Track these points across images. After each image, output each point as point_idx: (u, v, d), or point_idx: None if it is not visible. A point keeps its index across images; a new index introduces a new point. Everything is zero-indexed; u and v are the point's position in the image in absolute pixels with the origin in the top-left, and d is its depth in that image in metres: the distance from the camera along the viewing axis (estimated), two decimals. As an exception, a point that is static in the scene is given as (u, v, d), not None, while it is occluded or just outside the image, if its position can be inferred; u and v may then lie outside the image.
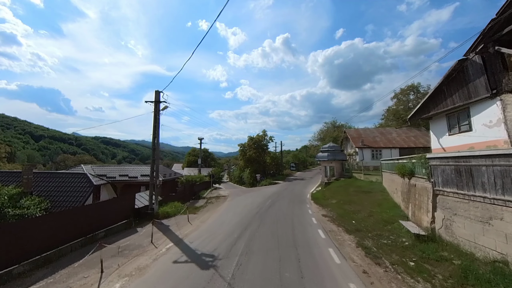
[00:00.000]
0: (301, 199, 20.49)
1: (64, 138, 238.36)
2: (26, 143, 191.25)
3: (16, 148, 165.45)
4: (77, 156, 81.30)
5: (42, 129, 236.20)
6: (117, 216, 11.82)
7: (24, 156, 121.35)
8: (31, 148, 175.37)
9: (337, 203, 16.55)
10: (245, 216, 13.89)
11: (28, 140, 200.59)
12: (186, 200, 22.69)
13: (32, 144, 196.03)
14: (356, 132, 35.61)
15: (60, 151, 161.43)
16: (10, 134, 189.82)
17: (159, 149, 15.73)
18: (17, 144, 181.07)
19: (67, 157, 78.05)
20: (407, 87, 39.66)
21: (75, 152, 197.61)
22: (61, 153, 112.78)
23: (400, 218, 11.20)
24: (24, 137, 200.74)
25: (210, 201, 21.80)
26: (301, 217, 13.46)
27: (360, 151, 29.97)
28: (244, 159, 43.65)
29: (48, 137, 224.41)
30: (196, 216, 14.75)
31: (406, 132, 33.25)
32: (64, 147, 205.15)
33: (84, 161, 74.28)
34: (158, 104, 15.09)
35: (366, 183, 19.88)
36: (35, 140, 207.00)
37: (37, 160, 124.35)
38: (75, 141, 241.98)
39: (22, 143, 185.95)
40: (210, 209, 17.64)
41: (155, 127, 14.97)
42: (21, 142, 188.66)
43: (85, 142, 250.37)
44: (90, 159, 78.83)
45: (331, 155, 26.04)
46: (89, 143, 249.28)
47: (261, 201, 19.35)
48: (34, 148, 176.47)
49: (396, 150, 29.43)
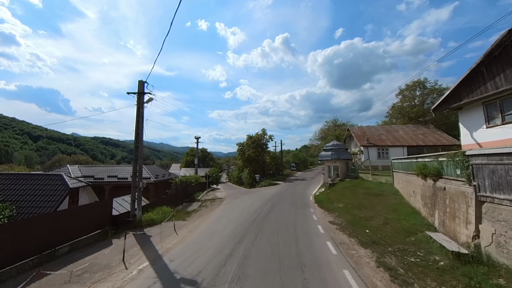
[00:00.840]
0: (303, 202, 18.71)
1: (63, 139, 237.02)
2: (24, 144, 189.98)
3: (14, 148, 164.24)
4: (72, 157, 79.45)
5: (40, 129, 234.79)
6: (89, 225, 10.03)
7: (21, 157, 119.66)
8: (29, 149, 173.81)
9: (345, 207, 14.77)
10: (240, 223, 12.10)
11: (26, 140, 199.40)
12: (179, 203, 20.93)
13: (30, 144, 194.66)
14: (360, 130, 33.81)
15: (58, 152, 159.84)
16: (7, 135, 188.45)
17: (143, 146, 13.88)
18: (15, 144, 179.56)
19: (63, 157, 76.20)
20: (413, 83, 37.86)
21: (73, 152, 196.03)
22: (59, 154, 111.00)
23: (424, 228, 9.42)
24: (22, 137, 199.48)
25: (205, 204, 20.02)
26: (305, 224, 11.67)
27: (365, 149, 28.18)
28: (243, 158, 41.82)
29: (47, 137, 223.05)
30: (185, 224, 12.95)
31: (414, 130, 31.45)
32: (63, 147, 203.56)
33: (79, 161, 72.51)
34: (142, 95, 13.28)
35: (375, 185, 18.10)
36: (33, 141, 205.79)
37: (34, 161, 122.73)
38: (74, 141, 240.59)
39: (20, 143, 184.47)
40: (203, 214, 15.85)
41: (138, 121, 13.16)
42: (19, 142, 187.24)
43: (83, 142, 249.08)
44: (86, 159, 76.99)
45: (335, 154, 24.25)
46: (88, 143, 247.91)
47: (260, 205, 17.57)
48: (32, 149, 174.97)
49: (403, 149, 27.63)
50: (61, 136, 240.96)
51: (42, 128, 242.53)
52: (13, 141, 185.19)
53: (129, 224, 11.94)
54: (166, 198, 18.75)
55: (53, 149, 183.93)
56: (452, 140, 27.64)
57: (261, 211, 15.02)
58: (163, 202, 17.59)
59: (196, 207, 19.18)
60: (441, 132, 30.11)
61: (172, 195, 19.52)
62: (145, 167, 27.14)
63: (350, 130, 34.14)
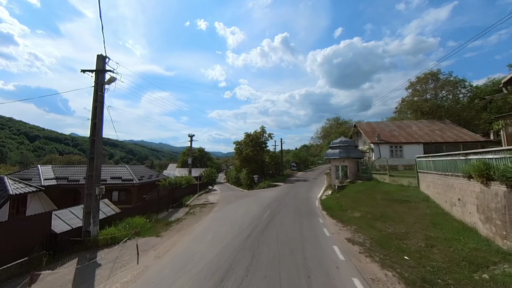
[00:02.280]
0: (309, 208, 15.68)
1: (60, 139, 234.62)
2: (20, 144, 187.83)
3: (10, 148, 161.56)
4: (64, 156, 76.48)
5: (37, 129, 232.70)
6: (8, 251, 6.96)
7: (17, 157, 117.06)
8: (25, 149, 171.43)
9: (363, 217, 11.71)
10: (229, 243, 9.06)
11: (23, 140, 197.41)
12: (163, 210, 17.91)
13: (26, 144, 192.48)
14: (369, 125, 30.75)
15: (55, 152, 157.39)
16: (4, 135, 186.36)
17: (102, 140, 10.78)
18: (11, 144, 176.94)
19: (54, 157, 73.22)
20: (424, 75, 34.72)
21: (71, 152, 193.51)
22: (56, 154, 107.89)
23: (498, 257, 6.38)
24: (18, 137, 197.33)
25: (192, 212, 16.97)
26: (317, 245, 8.63)
27: (376, 147, 25.12)
28: (240, 158, 38.76)
29: (44, 137, 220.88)
30: (157, 243, 9.87)
31: (428, 125, 28.39)
32: (60, 147, 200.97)
33: (72, 161, 69.58)
34: (101, 74, 10.20)
35: (395, 188, 15.05)
36: (30, 141, 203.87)
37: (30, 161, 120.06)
38: (72, 142, 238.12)
39: (16, 143, 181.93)
40: (186, 226, 12.78)
41: (96, 108, 10.07)
42: (16, 142, 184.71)
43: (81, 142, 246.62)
44: (79, 159, 73.96)
45: (343, 152, 21.18)
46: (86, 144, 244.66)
47: (257, 213, 14.52)
48: (28, 149, 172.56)
49: (419, 146, 24.57)
50: (59, 136, 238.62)
51: (40, 128, 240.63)
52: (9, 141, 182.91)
53: (78, 245, 8.87)
54: (146, 205, 15.69)
55: (50, 149, 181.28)
56: (474, 136, 24.60)
57: (258, 223, 11.97)
58: (140, 210, 14.56)
59: (181, 215, 16.13)
60: (460, 128, 27.06)
61: (152, 201, 16.46)
62: (129, 167, 24.15)
63: (358, 126, 31.06)
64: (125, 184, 21.66)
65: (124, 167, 23.93)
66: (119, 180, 21.82)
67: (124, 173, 22.74)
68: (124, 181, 21.76)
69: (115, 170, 23.28)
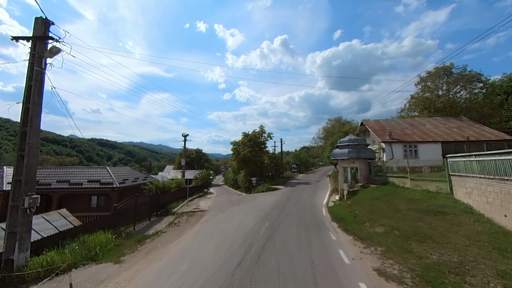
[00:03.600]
0: (315, 219, 13.00)
1: (58, 140, 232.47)
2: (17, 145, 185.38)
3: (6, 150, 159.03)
4: (57, 157, 73.75)
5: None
6: None
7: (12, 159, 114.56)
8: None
9: (389, 234, 9.03)
10: (210, 279, 6.38)
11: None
12: (144, 219, 15.26)
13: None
14: (378, 123, 28.10)
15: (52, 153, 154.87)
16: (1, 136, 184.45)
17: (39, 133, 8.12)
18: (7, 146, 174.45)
19: (46, 158, 70.38)
20: (436, 70, 32.12)
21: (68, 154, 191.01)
22: (53, 155, 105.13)
23: None
24: (15, 138, 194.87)
25: (176, 222, 14.29)
26: (336, 282, 5.94)
27: (388, 147, 22.45)
28: (238, 159, 36.04)
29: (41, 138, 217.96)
30: (110, 274, 7.17)
31: (444, 123, 25.75)
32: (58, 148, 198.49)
33: (64, 163, 66.93)
34: (41, 43, 7.57)
35: (421, 195, 12.36)
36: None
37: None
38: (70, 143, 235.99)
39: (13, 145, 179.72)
40: (160, 244, 10.08)
41: (31, 88, 7.41)
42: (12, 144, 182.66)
43: (79, 143, 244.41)
44: (72, 160, 71.29)
45: (353, 152, 18.48)
46: (84, 145, 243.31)
47: (253, 226, 11.84)
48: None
49: (437, 146, 21.92)
50: (57, 138, 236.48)
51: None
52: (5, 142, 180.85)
53: (-9, 281, 6.22)
54: (120, 214, 12.99)
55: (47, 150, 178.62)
56: (499, 134, 21.94)
57: (253, 242, 9.29)
58: (111, 222, 11.89)
59: (162, 227, 13.46)
60: (480, 125, 24.41)
61: (129, 209, 13.76)
62: (110, 169, 21.46)
63: (365, 124, 28.39)
64: (103, 188, 18.98)
65: (104, 169, 21.25)
66: (97, 184, 19.15)
67: (103, 176, 20.07)
68: (102, 185, 19.08)
69: (93, 172, 20.61)
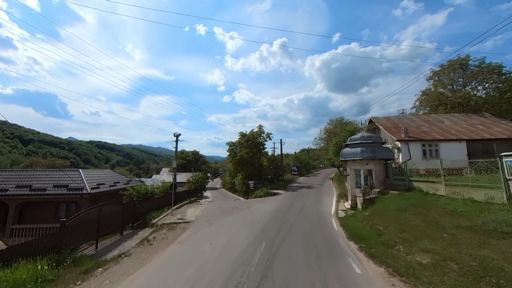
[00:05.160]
0: (326, 236, 10.03)
1: (56, 142, 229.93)
2: (13, 147, 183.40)
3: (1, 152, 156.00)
4: (47, 160, 70.55)
5: (32, 132, 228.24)
6: None
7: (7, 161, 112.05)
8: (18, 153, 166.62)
9: (443, 268, 6.04)
10: None
11: (16, 144, 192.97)
12: (113, 233, 12.30)
13: (20, 148, 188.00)
14: (389, 120, 25.19)
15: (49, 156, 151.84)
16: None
17: None
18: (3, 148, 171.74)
19: (36, 160, 67.31)
20: (450, 63, 29.27)
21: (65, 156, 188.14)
22: (49, 157, 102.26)
23: None
24: (12, 141, 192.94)
25: (150, 239, 11.32)
26: None
27: (404, 146, 19.51)
28: (234, 161, 33.02)
29: (38, 141, 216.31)
30: None
31: (465, 119, 22.86)
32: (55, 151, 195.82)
33: (55, 165, 63.79)
34: None
35: (466, 206, 9.39)
36: (24, 144, 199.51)
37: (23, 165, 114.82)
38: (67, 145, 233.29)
39: (9, 147, 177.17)
40: (110, 279, 7.11)
41: None
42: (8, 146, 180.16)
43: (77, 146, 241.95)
44: (63, 162, 68.11)
45: (367, 151, 15.52)
46: (82, 147, 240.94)
47: (245, 248, 8.87)
48: (21, 153, 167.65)
49: (461, 144, 19.01)
50: (54, 140, 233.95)
51: (34, 132, 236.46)
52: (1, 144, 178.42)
53: None
54: (73, 230, 10.01)
55: (44, 152, 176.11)
56: (533, 131, 19.07)
57: (242, 280, 6.33)
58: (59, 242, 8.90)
59: (130, 246, 10.50)
60: (507, 122, 21.52)
61: (86, 223, 10.76)
62: (83, 172, 18.52)
63: (375, 121, 25.45)
64: (71, 194, 16.00)
65: (76, 172, 18.29)
66: (64, 189, 16.17)
67: (74, 180, 17.11)
68: (70, 191, 16.11)
69: (62, 176, 17.64)
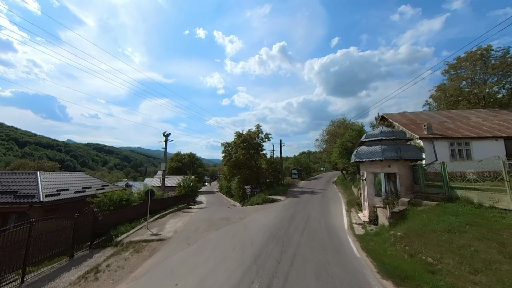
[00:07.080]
0: (348, 273, 6.81)
1: (52, 145, 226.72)
2: (8, 149, 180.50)
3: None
4: (36, 162, 67.32)
5: (28, 135, 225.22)
6: None
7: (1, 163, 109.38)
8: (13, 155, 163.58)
9: None
10: None
11: (11, 146, 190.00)
12: (58, 256, 9.09)
13: (15, 150, 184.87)
14: (404, 117, 22.08)
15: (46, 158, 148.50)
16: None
17: None
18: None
19: (24, 162, 64.10)
20: (467, 54, 26.31)
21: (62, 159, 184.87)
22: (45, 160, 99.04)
23: None
24: (7, 143, 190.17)
25: (101, 269, 8.10)
26: None
27: (428, 145, 16.37)
28: (229, 163, 29.74)
29: (35, 143, 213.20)
30: None
31: (496, 115, 19.77)
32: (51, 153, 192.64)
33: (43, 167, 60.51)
34: None
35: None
36: (20, 146, 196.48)
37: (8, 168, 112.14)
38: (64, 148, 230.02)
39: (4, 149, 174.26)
40: None
41: None
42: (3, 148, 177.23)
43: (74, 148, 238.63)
44: (53, 165, 64.86)
45: (389, 150, 12.34)
46: (79, 150, 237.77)
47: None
48: (17, 155, 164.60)
49: (497, 143, 15.88)
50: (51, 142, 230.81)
51: (31, 134, 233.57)
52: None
53: None
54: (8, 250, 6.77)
55: (40, 155, 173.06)
56: None
57: None
58: None
59: (70, 280, 7.27)
60: (546, 117, 18.46)
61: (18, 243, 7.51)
62: (40, 175, 15.29)
63: (389, 118, 22.24)
64: (18, 203, 12.74)
65: (32, 175, 15.06)
66: (10, 197, 12.93)
67: (26, 185, 13.88)
68: (18, 199, 12.87)
69: (13, 180, 14.38)
